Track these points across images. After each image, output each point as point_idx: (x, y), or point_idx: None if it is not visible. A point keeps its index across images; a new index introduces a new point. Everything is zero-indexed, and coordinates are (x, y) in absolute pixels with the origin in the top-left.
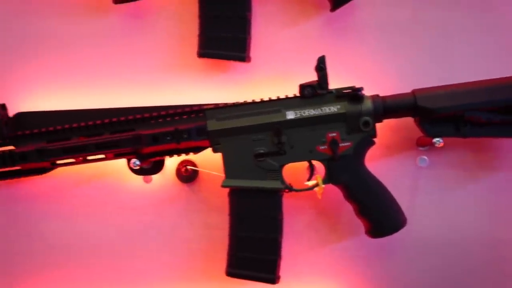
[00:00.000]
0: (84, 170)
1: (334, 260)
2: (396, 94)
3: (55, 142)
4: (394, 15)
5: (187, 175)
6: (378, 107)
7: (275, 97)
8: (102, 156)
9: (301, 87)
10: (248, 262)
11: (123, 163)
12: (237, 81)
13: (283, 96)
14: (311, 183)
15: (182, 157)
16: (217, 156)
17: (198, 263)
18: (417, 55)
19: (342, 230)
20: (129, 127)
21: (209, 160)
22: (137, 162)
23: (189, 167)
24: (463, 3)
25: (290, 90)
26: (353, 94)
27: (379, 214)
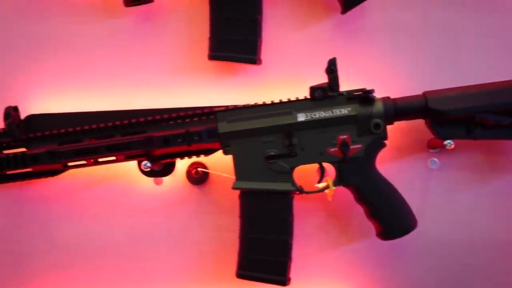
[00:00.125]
0: (94, 172)
1: (344, 262)
2: (407, 96)
3: (66, 144)
4: (404, 17)
5: (198, 177)
6: (389, 109)
7: (286, 99)
8: (113, 158)
9: (312, 89)
10: (259, 264)
11: (133, 165)
12: (247, 83)
13: (294, 98)
14: (321, 185)
15: (193, 159)
16: (227, 158)
17: (209, 265)
18: (427, 57)
19: (353, 232)
20: (140, 129)
21: (219, 162)
22: (148, 164)
23: (199, 169)
24: (473, 5)
25: (300, 92)
26: (364, 96)
27: (390, 216)
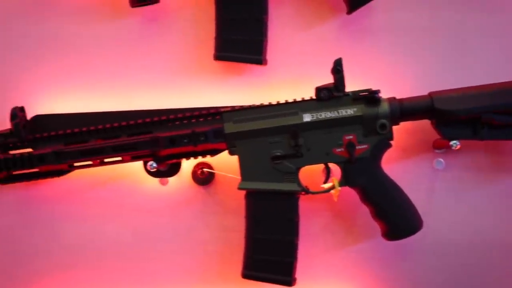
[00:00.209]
0: (100, 172)
1: (350, 263)
2: (413, 97)
3: (72, 144)
4: (410, 17)
5: (203, 177)
6: (395, 110)
7: (292, 99)
8: (119, 158)
9: (318, 89)
10: (265, 264)
11: (139, 165)
12: (253, 83)
13: (300, 99)
14: (327, 185)
15: (198, 160)
16: (233, 158)
17: (214, 265)
18: (433, 57)
19: (358, 232)
20: (146, 129)
21: (225, 163)
22: (154, 165)
23: (205, 169)
24: (479, 5)
25: (306, 93)
26: (370, 97)
27: (396, 217)
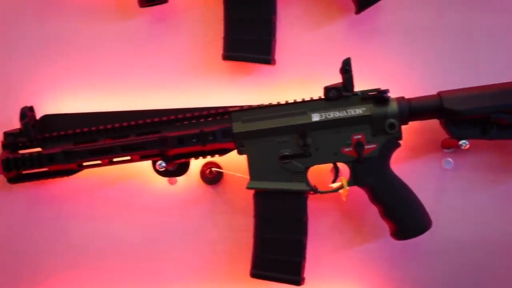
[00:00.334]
0: (109, 172)
1: (358, 262)
2: (422, 96)
3: (81, 144)
4: (418, 17)
5: (212, 177)
6: (404, 109)
7: (300, 99)
8: (128, 158)
9: (326, 89)
10: (273, 263)
11: (147, 165)
12: (261, 83)
13: (308, 98)
14: (335, 185)
15: (207, 159)
16: (241, 158)
17: (223, 264)
18: (442, 57)
19: (367, 232)
20: (155, 129)
21: (233, 162)
22: (163, 164)
23: (213, 169)
24: (487, 5)
25: (314, 93)
26: (378, 96)
27: (405, 216)
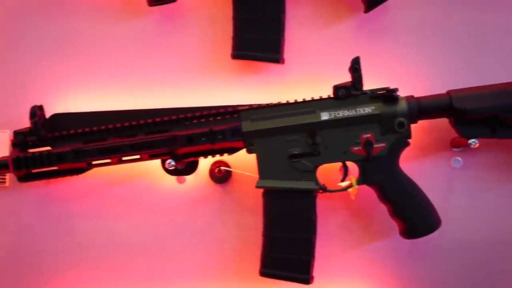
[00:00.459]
0: (118, 170)
1: (367, 261)
2: (431, 95)
3: (91, 142)
4: (427, 16)
5: (221, 175)
6: (413, 108)
7: (309, 98)
8: (137, 156)
9: (335, 88)
10: (282, 262)
11: (156, 163)
12: (270, 82)
13: (317, 97)
14: (345, 184)
15: (216, 158)
16: (250, 156)
17: (231, 263)
18: (451, 56)
19: (375, 231)
20: (164, 128)
21: (242, 161)
22: (173, 163)
23: (222, 167)
24: (495, 4)
25: (323, 92)
26: (387, 95)
27: (414, 215)
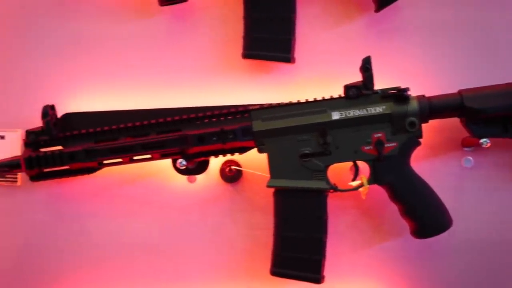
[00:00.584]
0: (129, 170)
1: (378, 261)
2: (442, 95)
3: (102, 142)
4: (438, 15)
5: (231, 175)
6: (424, 108)
7: (320, 97)
8: (148, 156)
9: (346, 87)
10: (293, 261)
11: (167, 163)
12: (281, 82)
13: (328, 97)
14: (355, 183)
15: (226, 157)
16: (260, 156)
17: (242, 262)
18: (462, 55)
19: (386, 230)
20: (175, 127)
21: (253, 160)
22: (184, 162)
23: (233, 167)
24: (506, 2)
25: (334, 91)
26: (398, 95)
27: (425, 215)
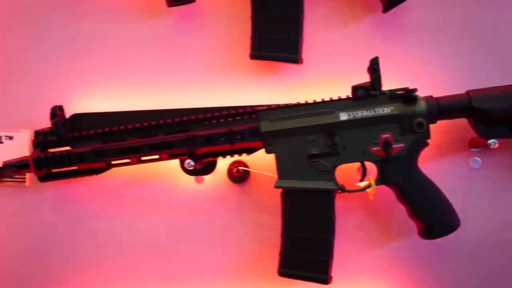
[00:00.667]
0: (136, 170)
1: (385, 262)
2: (450, 95)
3: (110, 142)
4: (445, 16)
5: (239, 175)
6: (432, 108)
7: (328, 98)
8: (156, 156)
9: (354, 88)
10: (301, 262)
11: (175, 163)
12: (288, 82)
13: (336, 98)
14: (363, 184)
15: (234, 158)
16: (268, 156)
17: (249, 263)
18: (470, 56)
19: (393, 231)
20: (183, 128)
21: (260, 161)
22: (192, 163)
23: (240, 167)
24: None
25: (341, 92)
26: (406, 95)
27: (433, 215)
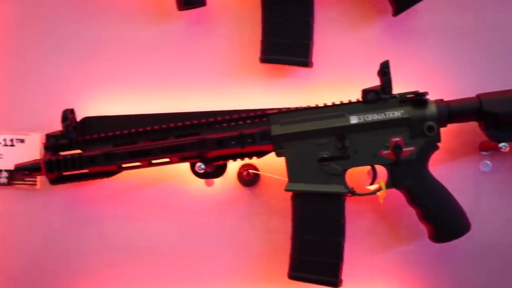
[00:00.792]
0: (147, 173)
1: (395, 265)
2: (461, 99)
3: (121, 146)
4: (456, 19)
5: (249, 178)
6: (443, 112)
7: (338, 102)
8: (167, 159)
9: (364, 92)
10: (311, 265)
11: (185, 166)
12: (299, 86)
13: (346, 101)
14: (373, 187)
15: (244, 161)
16: (278, 160)
17: (259, 266)
18: (480, 59)
19: (403, 234)
20: (194, 131)
21: (270, 164)
22: (202, 166)
23: (250, 170)
24: None
25: (351, 95)
26: (417, 99)
27: (443, 219)
